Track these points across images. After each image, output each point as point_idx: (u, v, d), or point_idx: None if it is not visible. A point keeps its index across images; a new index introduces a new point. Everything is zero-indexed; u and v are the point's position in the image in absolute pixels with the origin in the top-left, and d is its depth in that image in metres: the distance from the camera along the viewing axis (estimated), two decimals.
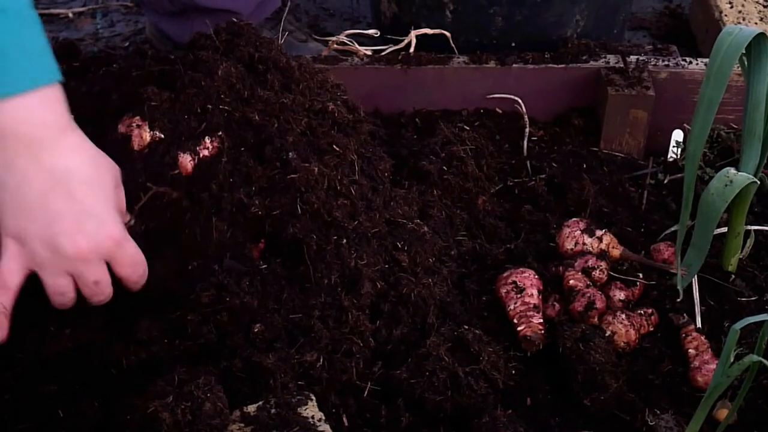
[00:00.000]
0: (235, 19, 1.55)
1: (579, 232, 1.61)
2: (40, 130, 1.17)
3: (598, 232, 1.61)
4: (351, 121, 1.56)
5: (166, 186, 1.37)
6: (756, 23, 2.24)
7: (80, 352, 1.33)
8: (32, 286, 1.35)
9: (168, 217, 1.36)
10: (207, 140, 1.41)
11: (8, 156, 1.16)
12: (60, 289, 1.25)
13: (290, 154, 1.41)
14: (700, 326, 1.53)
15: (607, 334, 1.48)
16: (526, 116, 1.90)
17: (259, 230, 1.40)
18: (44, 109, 1.18)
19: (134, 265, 1.29)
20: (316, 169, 1.42)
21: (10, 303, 1.23)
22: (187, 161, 1.39)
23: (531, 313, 1.49)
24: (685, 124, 1.86)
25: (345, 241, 1.41)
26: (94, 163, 1.24)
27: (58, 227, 1.20)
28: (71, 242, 1.21)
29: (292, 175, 1.40)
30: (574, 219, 1.65)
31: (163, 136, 1.40)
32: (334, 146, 1.48)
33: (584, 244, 1.61)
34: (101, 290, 1.27)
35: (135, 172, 1.37)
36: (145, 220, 1.36)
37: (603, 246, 1.60)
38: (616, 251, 1.61)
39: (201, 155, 1.40)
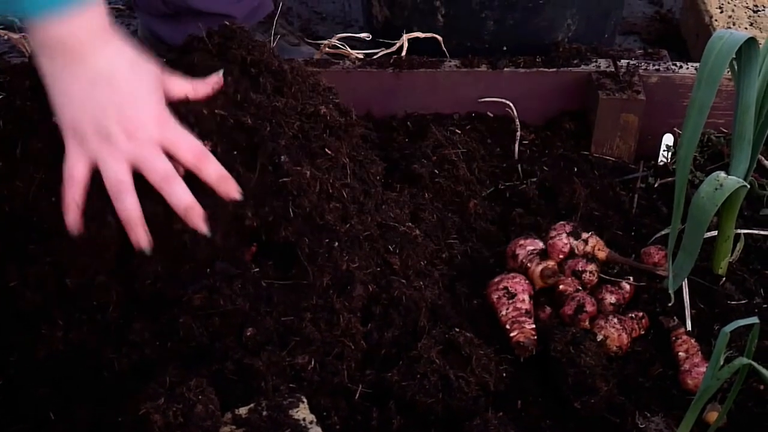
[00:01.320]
0: (227, 23, 1.55)
1: (565, 234, 1.61)
2: (85, 40, 1.28)
3: (584, 235, 1.61)
4: (343, 124, 1.56)
5: None
6: (746, 28, 2.25)
7: (72, 354, 1.33)
8: (25, 286, 1.35)
9: (161, 220, 1.36)
10: None
11: (57, 64, 1.29)
12: (116, 175, 1.31)
13: (282, 157, 1.41)
14: (690, 329, 1.53)
15: (599, 339, 1.48)
16: (517, 120, 1.90)
17: (251, 233, 1.40)
18: (89, 21, 1.28)
19: (191, 147, 1.34)
20: (308, 172, 1.42)
21: (80, 196, 1.31)
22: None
23: (523, 318, 1.50)
24: (675, 128, 1.86)
25: (337, 244, 1.41)
26: (135, 63, 1.33)
27: (106, 114, 1.30)
28: (119, 127, 1.29)
29: (285, 179, 1.40)
30: (561, 222, 1.65)
31: None
32: (326, 150, 1.49)
33: (570, 246, 1.60)
34: (166, 173, 1.32)
35: None
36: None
37: (588, 248, 1.60)
38: (602, 253, 1.60)
39: None
